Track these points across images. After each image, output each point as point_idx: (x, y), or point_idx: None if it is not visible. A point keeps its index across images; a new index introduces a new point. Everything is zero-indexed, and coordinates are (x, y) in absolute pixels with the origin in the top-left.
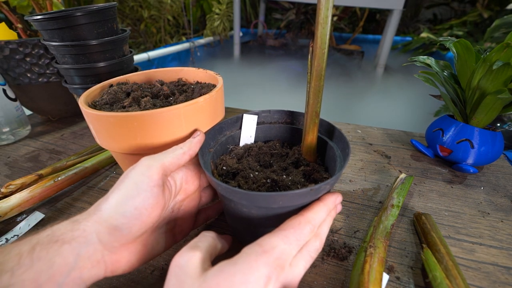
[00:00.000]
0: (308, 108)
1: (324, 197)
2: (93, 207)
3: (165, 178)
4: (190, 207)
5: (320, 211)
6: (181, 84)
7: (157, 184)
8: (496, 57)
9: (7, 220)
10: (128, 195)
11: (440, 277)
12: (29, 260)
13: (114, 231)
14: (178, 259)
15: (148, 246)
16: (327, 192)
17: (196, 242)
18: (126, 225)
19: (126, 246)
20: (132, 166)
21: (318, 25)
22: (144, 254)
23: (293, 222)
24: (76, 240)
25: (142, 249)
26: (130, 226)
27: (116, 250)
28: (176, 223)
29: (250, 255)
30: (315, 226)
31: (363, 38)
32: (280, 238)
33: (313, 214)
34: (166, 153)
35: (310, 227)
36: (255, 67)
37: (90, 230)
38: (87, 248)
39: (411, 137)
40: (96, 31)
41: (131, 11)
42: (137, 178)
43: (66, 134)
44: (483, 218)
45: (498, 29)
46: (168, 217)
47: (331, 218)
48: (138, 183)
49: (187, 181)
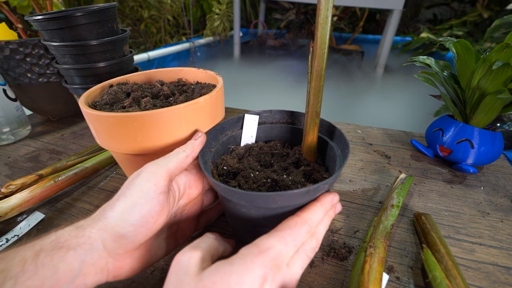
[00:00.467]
0: (309, 108)
1: (321, 197)
2: (98, 212)
3: (170, 183)
4: (192, 211)
5: (317, 211)
6: (181, 84)
7: (164, 191)
8: (496, 57)
9: (8, 220)
10: (135, 202)
11: (440, 277)
12: (33, 267)
13: (120, 239)
14: (180, 257)
15: (151, 252)
16: (325, 192)
17: (199, 242)
18: (132, 233)
19: (130, 253)
20: (137, 172)
21: (318, 25)
22: (147, 259)
23: (290, 223)
24: (81, 247)
25: (145, 254)
26: (136, 234)
27: (120, 257)
28: (178, 227)
29: (247, 255)
30: (311, 226)
31: (363, 38)
32: (277, 239)
33: (310, 214)
34: (170, 157)
35: (306, 228)
36: (255, 67)
37: (95, 237)
38: (92, 255)
39: (411, 137)
40: (96, 31)
41: (131, 11)
42: (144, 185)
43: (66, 134)
44: (483, 218)
45: (498, 29)
46: (171, 222)
47: (329, 217)
48: (145, 191)
49: (190, 186)
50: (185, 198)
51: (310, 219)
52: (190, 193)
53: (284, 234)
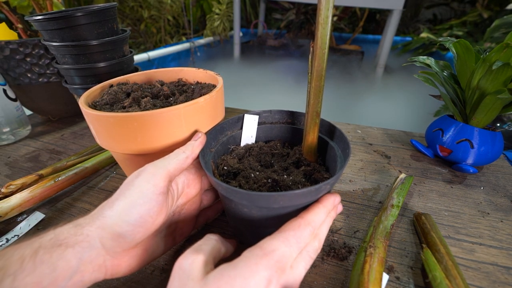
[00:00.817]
0: (309, 108)
1: (323, 199)
2: (97, 211)
3: (169, 184)
4: (191, 210)
5: (320, 213)
6: (181, 84)
7: (162, 192)
8: (496, 57)
9: (8, 220)
10: (134, 203)
11: (440, 277)
12: (31, 264)
13: (118, 237)
14: (182, 261)
15: (149, 250)
16: (326, 193)
17: (200, 245)
18: (130, 233)
19: (128, 251)
20: (136, 173)
21: (319, 25)
22: (144, 258)
23: (293, 225)
24: (80, 245)
25: (143, 253)
26: (134, 234)
27: (118, 255)
28: (177, 226)
29: (251, 258)
30: (315, 228)
31: (363, 38)
32: (280, 241)
33: (313, 216)
34: (169, 158)
35: (310, 229)
36: (255, 67)
37: (93, 235)
38: (90, 253)
39: (411, 137)
40: (96, 31)
41: (131, 11)
42: (143, 186)
43: (66, 134)
44: (483, 218)
45: (498, 29)
46: (169, 221)
47: (331, 218)
48: (144, 191)
49: (188, 185)
50: (183, 197)
51: (313, 220)
52: (189, 192)
53: (287, 236)
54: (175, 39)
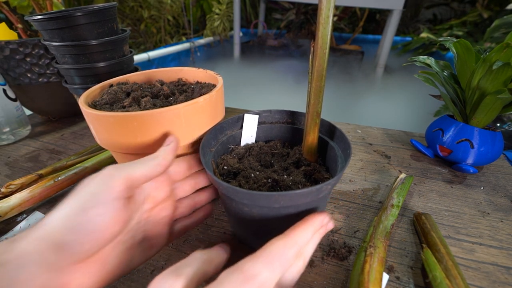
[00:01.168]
0: (309, 108)
1: (311, 218)
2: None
3: (131, 191)
4: (160, 217)
5: (307, 232)
6: (181, 84)
7: (119, 196)
8: (496, 57)
9: (7, 220)
10: (81, 207)
11: (440, 277)
12: None
13: (61, 249)
14: (159, 282)
15: (107, 266)
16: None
17: (183, 266)
18: (76, 242)
19: (78, 267)
20: (94, 174)
21: (320, 25)
22: (103, 275)
23: (278, 245)
24: (12, 262)
25: (100, 268)
26: (81, 243)
27: (65, 272)
28: (144, 236)
29: (232, 283)
30: (300, 247)
31: (363, 38)
32: (263, 264)
33: (299, 235)
34: (137, 163)
35: (295, 250)
36: (255, 67)
37: (30, 249)
38: (24, 271)
39: (411, 137)
40: (96, 31)
41: (131, 11)
42: (95, 188)
43: (66, 134)
44: (483, 218)
45: (498, 29)
46: (133, 230)
47: (319, 235)
48: (96, 194)
49: (156, 187)
50: (149, 202)
51: (300, 240)
52: (156, 196)
53: (271, 259)
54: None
